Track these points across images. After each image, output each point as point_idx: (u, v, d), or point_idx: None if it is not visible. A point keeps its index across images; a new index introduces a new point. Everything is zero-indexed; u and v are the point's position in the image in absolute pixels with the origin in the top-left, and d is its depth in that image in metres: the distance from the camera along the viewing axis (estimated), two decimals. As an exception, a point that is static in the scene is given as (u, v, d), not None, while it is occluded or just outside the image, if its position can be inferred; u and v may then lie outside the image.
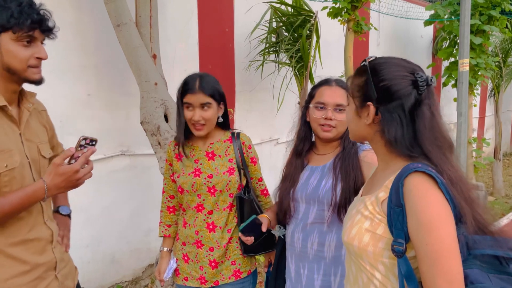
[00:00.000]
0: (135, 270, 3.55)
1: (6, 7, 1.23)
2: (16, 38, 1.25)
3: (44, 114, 1.56)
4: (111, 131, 3.27)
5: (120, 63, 3.08)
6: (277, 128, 4.79)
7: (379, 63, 1.14)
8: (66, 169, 1.28)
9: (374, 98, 1.11)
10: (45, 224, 1.42)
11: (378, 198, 1.09)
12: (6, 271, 1.29)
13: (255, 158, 1.93)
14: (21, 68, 1.28)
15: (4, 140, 1.27)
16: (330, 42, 4.88)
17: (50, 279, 1.41)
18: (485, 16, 5.66)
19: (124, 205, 3.42)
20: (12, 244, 1.30)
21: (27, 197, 1.27)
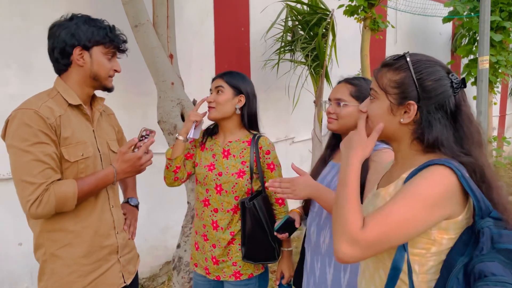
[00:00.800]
0: (152, 267, 3.60)
1: (102, 27, 1.54)
2: (105, 52, 1.54)
3: (112, 117, 1.81)
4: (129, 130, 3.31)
5: (137, 63, 3.12)
6: (292, 127, 4.78)
7: (421, 61, 1.10)
8: (131, 156, 1.53)
9: (416, 97, 1.06)
10: (110, 210, 1.61)
11: (397, 188, 1.09)
12: (75, 250, 1.49)
13: (273, 165, 1.86)
14: (104, 77, 1.55)
15: (81, 133, 1.50)
16: (346, 41, 4.85)
17: (113, 262, 1.60)
18: (505, 12, 5.55)
19: (141, 203, 3.44)
20: (83, 226, 1.50)
21: (101, 180, 1.50)
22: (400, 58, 1.12)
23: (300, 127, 4.81)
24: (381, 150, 1.57)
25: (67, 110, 1.48)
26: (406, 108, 1.08)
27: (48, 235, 1.47)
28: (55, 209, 1.40)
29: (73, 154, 1.45)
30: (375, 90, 1.14)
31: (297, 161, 4.93)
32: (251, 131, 1.89)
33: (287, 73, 4.06)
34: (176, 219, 3.48)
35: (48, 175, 1.38)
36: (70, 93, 1.51)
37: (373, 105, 1.15)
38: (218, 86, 1.83)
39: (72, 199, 1.42)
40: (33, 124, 1.37)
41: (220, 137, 1.90)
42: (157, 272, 3.62)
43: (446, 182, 0.98)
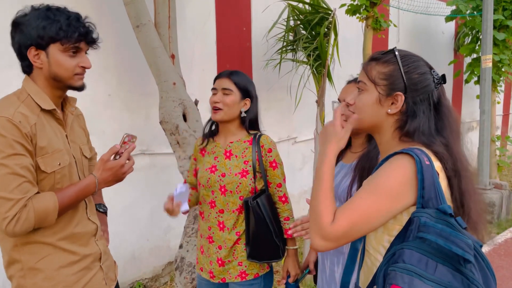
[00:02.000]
0: (155, 268, 3.60)
1: (55, 20, 1.34)
2: (63, 49, 1.36)
3: (81, 118, 1.68)
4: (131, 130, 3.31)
5: (139, 63, 3.12)
6: (294, 127, 4.77)
7: (408, 55, 1.16)
8: (113, 164, 1.42)
9: (403, 89, 1.12)
10: (89, 219, 1.53)
11: None
12: (57, 261, 1.40)
13: (275, 163, 1.85)
14: (67, 76, 1.39)
15: (56, 141, 1.39)
16: (348, 40, 4.84)
17: (96, 270, 1.52)
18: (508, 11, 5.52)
19: (144, 204, 3.47)
20: (61, 238, 1.40)
21: (81, 191, 1.40)
22: (388, 53, 1.17)
23: (303, 126, 4.81)
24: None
25: (40, 116, 1.35)
26: (393, 99, 1.14)
27: (24, 249, 1.36)
28: (34, 226, 1.30)
29: (50, 164, 1.35)
30: (364, 82, 1.18)
31: (300, 161, 4.92)
32: (251, 131, 1.90)
33: (289, 73, 4.05)
34: (178, 219, 3.47)
35: (26, 189, 1.27)
36: (43, 97, 1.38)
37: (361, 97, 1.19)
38: (226, 88, 1.80)
39: (52, 214, 1.32)
40: (7, 134, 1.25)
41: (221, 139, 1.90)
42: (159, 272, 3.62)
43: (405, 171, 1.04)
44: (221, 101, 1.78)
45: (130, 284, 3.43)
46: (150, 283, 3.52)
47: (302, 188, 4.86)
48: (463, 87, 7.30)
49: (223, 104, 1.78)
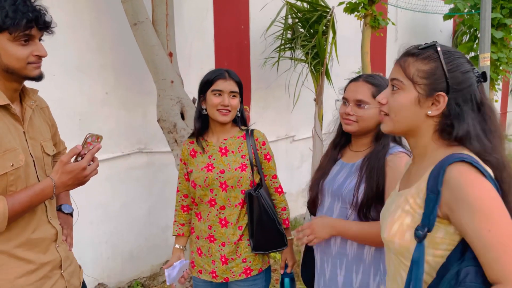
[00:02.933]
0: (153, 266, 3.59)
1: (0, 7, 1.21)
2: (13, 38, 1.23)
3: (46, 111, 1.54)
4: (129, 129, 3.31)
5: (137, 61, 3.11)
6: (293, 125, 4.77)
7: (450, 51, 1.06)
8: (74, 166, 1.30)
9: (445, 89, 1.03)
10: (50, 223, 1.41)
11: (420, 189, 1.04)
12: (12, 272, 1.28)
13: (269, 155, 1.91)
14: (20, 67, 1.27)
15: (9, 139, 1.27)
16: (346, 38, 4.83)
17: (56, 278, 1.41)
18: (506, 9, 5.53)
19: (142, 202, 3.46)
20: (16, 245, 1.29)
21: (35, 195, 1.28)
22: (428, 48, 1.07)
23: (301, 125, 4.80)
24: (396, 155, 1.52)
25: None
26: (434, 100, 1.04)
27: None
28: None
29: (1, 165, 1.23)
30: (400, 80, 1.08)
31: (298, 159, 4.92)
32: (242, 127, 1.93)
33: (287, 71, 4.04)
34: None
35: None
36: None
37: (397, 96, 1.09)
38: (234, 91, 1.82)
39: (2, 221, 1.20)
40: None
41: (213, 138, 1.90)
42: (157, 271, 3.62)
43: (489, 186, 0.96)
44: (230, 104, 1.80)
45: (128, 283, 3.42)
46: (148, 282, 3.51)
47: (300, 187, 4.86)
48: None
49: (231, 107, 1.81)
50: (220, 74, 1.82)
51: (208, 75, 1.85)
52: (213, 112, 1.82)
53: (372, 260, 1.55)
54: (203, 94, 1.85)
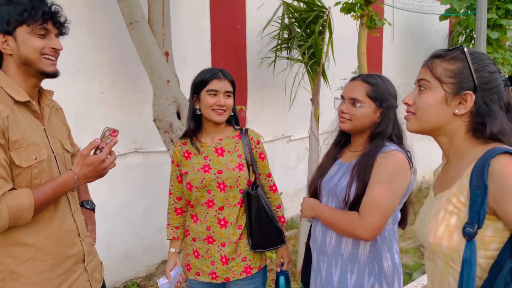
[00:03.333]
0: (149, 266, 3.58)
1: (19, 3, 1.29)
2: (31, 31, 1.31)
3: (61, 112, 1.63)
4: (125, 128, 3.29)
5: (133, 61, 3.10)
6: (289, 125, 4.77)
7: (476, 53, 1.09)
8: (93, 159, 1.37)
9: (472, 87, 1.05)
10: (73, 216, 1.48)
11: (462, 186, 1.03)
12: (38, 265, 1.34)
13: (263, 154, 1.93)
14: (36, 57, 1.33)
15: (31, 134, 1.33)
16: (343, 38, 4.83)
17: (80, 272, 1.47)
18: (502, 10, 5.55)
19: (138, 202, 3.45)
20: (43, 237, 1.35)
21: (58, 187, 1.34)
22: (454, 49, 1.10)
23: (297, 125, 4.80)
24: (388, 152, 1.53)
25: (13, 109, 1.30)
26: (461, 98, 1.06)
27: (4, 251, 1.30)
28: (9, 223, 1.24)
29: (25, 158, 1.29)
30: (428, 80, 1.10)
31: (294, 159, 4.92)
32: (236, 127, 1.93)
33: (284, 71, 4.04)
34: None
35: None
36: (16, 88, 1.33)
37: (424, 96, 1.11)
38: (229, 91, 1.82)
39: (28, 211, 1.26)
40: None
41: (207, 139, 1.89)
42: (153, 271, 3.61)
43: None
44: (225, 104, 1.80)
45: (123, 283, 3.41)
46: (144, 282, 3.50)
47: (296, 186, 4.86)
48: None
49: (227, 107, 1.81)
50: (214, 74, 1.81)
51: (202, 74, 1.83)
52: (209, 112, 1.80)
53: (367, 261, 1.56)
54: (196, 94, 1.83)
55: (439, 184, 1.19)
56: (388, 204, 1.47)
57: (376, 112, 1.59)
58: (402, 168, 1.50)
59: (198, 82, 1.83)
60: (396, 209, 1.58)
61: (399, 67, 6.24)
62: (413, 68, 6.47)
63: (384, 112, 1.58)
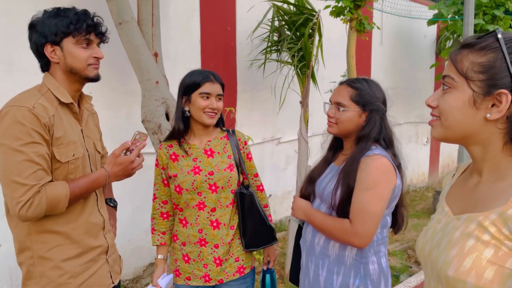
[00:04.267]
0: (136, 269, 3.55)
1: (65, 16, 1.45)
2: (76, 42, 1.46)
3: (95, 117, 1.77)
4: (113, 129, 3.26)
5: (121, 61, 3.07)
6: (279, 127, 4.78)
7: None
8: (124, 159, 1.51)
9: (509, 85, 0.82)
10: (99, 211, 1.60)
11: (507, 216, 0.80)
12: (66, 251, 1.46)
13: (250, 154, 1.97)
14: (82, 67, 1.48)
15: (71, 133, 1.48)
16: (332, 41, 4.86)
17: (102, 262, 1.58)
18: (488, 15, 5.64)
19: (126, 204, 3.42)
20: (72, 227, 1.48)
21: (91, 183, 1.48)
22: (487, 36, 0.86)
23: (287, 127, 4.81)
24: (370, 157, 1.53)
25: (58, 109, 1.45)
26: (494, 99, 0.84)
27: (36, 237, 1.43)
28: (46, 212, 1.37)
29: (65, 154, 1.43)
30: (452, 77, 0.89)
31: (283, 161, 4.93)
32: (222, 128, 1.95)
33: (274, 73, 4.05)
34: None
35: (40, 176, 1.35)
36: (61, 91, 1.47)
37: (447, 96, 0.90)
38: (220, 94, 1.83)
39: (63, 202, 1.40)
40: (26, 123, 1.33)
41: (195, 140, 1.87)
42: (140, 273, 3.57)
43: None
44: (217, 107, 1.81)
45: (110, 285, 3.37)
46: (131, 285, 3.47)
47: (285, 189, 4.87)
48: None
49: (218, 110, 1.82)
50: (207, 76, 1.79)
51: (194, 77, 1.80)
52: (200, 115, 1.78)
53: (353, 263, 1.57)
54: (187, 95, 1.81)
55: (459, 199, 0.98)
56: (377, 210, 1.48)
57: (361, 116, 1.61)
58: (385, 173, 1.51)
59: (189, 84, 1.80)
60: (385, 213, 1.59)
61: (387, 71, 6.31)
62: (401, 72, 6.54)
63: (369, 115, 1.60)
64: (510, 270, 0.78)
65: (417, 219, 5.52)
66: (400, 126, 6.66)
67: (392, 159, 1.55)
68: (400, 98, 6.58)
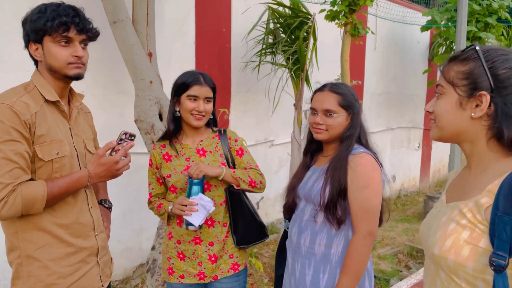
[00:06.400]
0: (126, 270, 3.52)
1: (45, 13, 1.40)
2: (53, 40, 1.40)
3: (89, 116, 1.73)
4: (105, 129, 3.23)
5: (115, 60, 3.05)
6: (272, 130, 4.78)
7: (492, 49, 1.00)
8: (107, 159, 1.45)
9: (488, 87, 0.97)
10: (89, 211, 1.56)
11: (480, 204, 0.95)
12: (54, 251, 1.43)
13: (240, 150, 1.92)
14: (60, 66, 1.43)
15: (56, 131, 1.43)
16: (327, 45, 4.88)
17: (92, 264, 1.55)
18: (481, 23, 5.70)
19: (116, 204, 3.36)
20: (60, 226, 1.44)
21: (72, 183, 1.43)
22: (468, 49, 1.03)
23: (280, 130, 4.81)
24: (357, 155, 1.61)
25: (43, 106, 1.42)
26: (477, 100, 0.99)
27: (24, 236, 1.40)
28: (22, 211, 1.34)
29: (48, 152, 1.39)
30: (442, 85, 1.05)
31: (276, 164, 4.93)
32: (214, 128, 1.95)
33: (268, 76, 4.05)
34: (151, 221, 3.41)
35: (17, 175, 1.32)
36: (48, 89, 1.45)
37: (439, 102, 1.06)
38: (209, 97, 1.82)
39: (40, 202, 1.35)
40: (5, 120, 1.30)
41: (188, 140, 1.89)
42: (130, 274, 3.54)
43: None
44: (205, 110, 1.81)
45: (99, 286, 3.34)
46: (121, 286, 3.44)
47: (278, 191, 4.86)
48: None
49: (206, 112, 1.82)
50: (195, 79, 1.80)
51: (184, 77, 1.82)
52: (187, 116, 1.81)
53: (339, 261, 1.62)
54: (177, 96, 1.83)
55: (454, 189, 1.12)
56: (376, 205, 1.59)
57: (347, 119, 1.68)
58: (374, 169, 1.61)
59: (179, 85, 1.82)
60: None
61: (381, 76, 6.34)
62: (394, 77, 6.59)
63: (353, 118, 1.68)
64: (482, 248, 0.92)
65: (408, 224, 5.54)
66: (392, 131, 6.70)
67: (374, 156, 1.64)
68: (392, 103, 6.62)
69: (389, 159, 6.60)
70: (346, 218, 1.59)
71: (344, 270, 1.56)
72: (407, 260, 4.33)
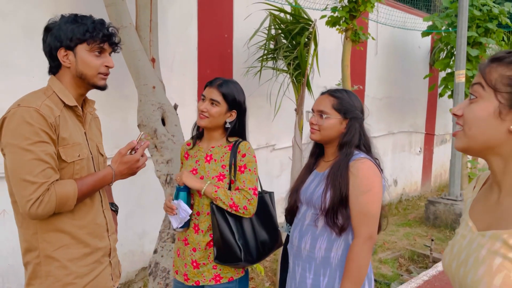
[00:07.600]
0: (128, 273, 3.54)
1: (82, 24, 1.49)
2: (89, 49, 1.50)
3: (97, 121, 1.79)
4: (108, 133, 3.27)
5: (118, 66, 3.09)
6: (273, 134, 4.81)
7: None
8: (129, 158, 1.55)
9: None
10: (103, 213, 1.62)
11: None
12: (72, 251, 1.48)
13: (243, 167, 1.83)
14: (92, 74, 1.51)
15: (76, 135, 1.51)
16: (328, 51, 4.92)
17: (105, 264, 1.60)
18: (482, 28, 5.73)
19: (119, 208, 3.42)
20: (79, 227, 1.50)
21: (98, 180, 1.52)
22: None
23: (281, 134, 4.84)
24: (358, 160, 1.64)
25: (63, 111, 1.48)
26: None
27: (43, 237, 1.45)
28: (55, 209, 1.40)
29: (70, 154, 1.46)
30: (482, 86, 0.90)
31: (277, 168, 4.95)
32: (234, 137, 1.92)
33: (269, 81, 4.09)
34: (153, 224, 3.44)
35: (49, 174, 1.38)
36: (66, 94, 1.51)
37: (474, 106, 0.90)
38: (214, 99, 1.83)
39: (72, 199, 1.42)
40: (34, 123, 1.36)
41: (204, 143, 1.94)
42: (132, 278, 3.56)
43: None
44: (207, 111, 1.83)
45: (102, 289, 3.36)
46: (123, 289, 3.46)
47: (279, 195, 4.87)
48: (437, 101, 7.52)
49: (209, 113, 1.84)
50: (210, 81, 1.89)
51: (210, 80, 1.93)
52: (198, 116, 1.89)
53: (338, 264, 1.65)
54: None
55: (482, 214, 0.97)
56: (377, 210, 1.62)
57: (342, 123, 1.71)
58: (375, 174, 1.64)
59: None
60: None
61: (382, 81, 6.37)
62: (395, 82, 6.61)
63: (349, 123, 1.70)
64: None
65: (409, 228, 5.55)
66: (393, 135, 6.72)
67: (375, 162, 1.67)
68: (394, 107, 6.64)
69: (391, 164, 6.62)
70: (348, 226, 1.62)
71: (346, 275, 1.58)
72: (408, 264, 4.34)
